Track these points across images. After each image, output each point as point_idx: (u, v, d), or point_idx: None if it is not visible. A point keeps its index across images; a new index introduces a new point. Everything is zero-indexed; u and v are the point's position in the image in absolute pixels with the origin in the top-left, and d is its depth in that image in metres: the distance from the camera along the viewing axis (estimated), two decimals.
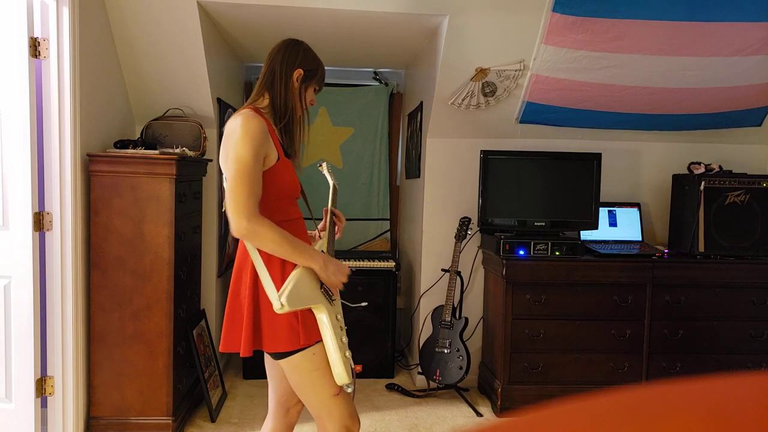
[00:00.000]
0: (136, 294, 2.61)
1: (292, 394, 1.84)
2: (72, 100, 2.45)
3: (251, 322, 1.61)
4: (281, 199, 1.68)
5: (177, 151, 2.74)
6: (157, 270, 2.62)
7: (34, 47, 2.37)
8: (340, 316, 1.74)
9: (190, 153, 2.88)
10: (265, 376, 3.63)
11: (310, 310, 1.64)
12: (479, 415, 3.11)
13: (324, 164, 2.08)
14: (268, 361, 1.84)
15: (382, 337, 3.52)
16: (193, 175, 2.97)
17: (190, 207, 2.93)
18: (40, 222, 2.44)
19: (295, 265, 1.64)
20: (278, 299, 1.53)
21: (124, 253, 2.60)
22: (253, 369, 3.47)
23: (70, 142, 2.46)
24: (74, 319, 2.52)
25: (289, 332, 1.61)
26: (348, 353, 1.69)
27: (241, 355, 1.63)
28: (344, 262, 1.77)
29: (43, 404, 2.54)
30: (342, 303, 1.87)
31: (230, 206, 1.53)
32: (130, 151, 2.66)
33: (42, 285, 2.49)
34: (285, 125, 1.75)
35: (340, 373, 1.63)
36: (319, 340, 1.64)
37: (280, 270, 1.63)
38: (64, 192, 2.47)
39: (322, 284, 1.68)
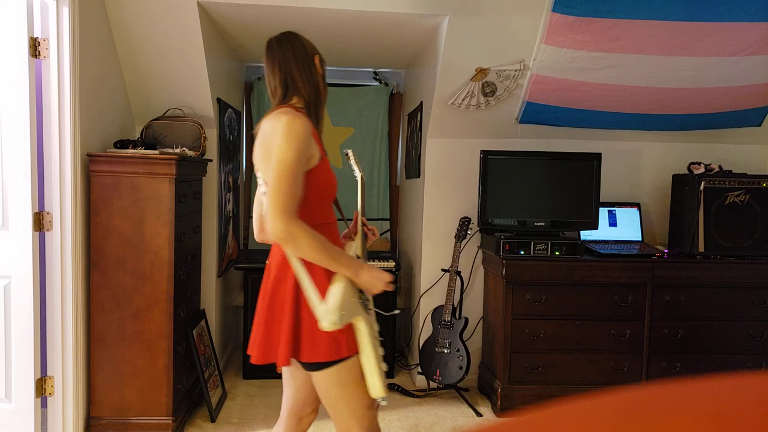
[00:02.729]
0: (136, 294, 2.61)
1: (307, 403, 1.81)
2: (72, 100, 2.45)
3: (291, 332, 1.57)
4: (321, 201, 1.65)
5: (177, 151, 2.74)
6: (157, 270, 2.62)
7: (34, 47, 2.37)
8: (376, 326, 1.70)
9: (190, 153, 2.88)
10: (265, 377, 3.62)
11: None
12: (479, 415, 3.11)
13: (350, 152, 2.00)
14: (288, 369, 1.78)
15: (382, 337, 3.51)
16: (193, 175, 2.97)
17: (190, 207, 2.93)
18: (40, 222, 2.44)
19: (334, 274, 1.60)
20: (327, 318, 1.50)
21: (124, 253, 2.60)
22: (253, 369, 3.47)
23: (70, 142, 2.46)
24: (74, 319, 2.52)
25: (329, 342, 1.56)
26: (384, 365, 1.65)
27: (279, 365, 1.59)
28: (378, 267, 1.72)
29: (43, 404, 2.54)
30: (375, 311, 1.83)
31: (270, 208, 1.49)
32: (130, 151, 2.66)
33: (42, 285, 2.49)
34: (317, 111, 1.73)
35: (377, 386, 1.59)
36: (357, 352, 1.61)
37: (326, 281, 1.58)
38: (64, 192, 2.47)
39: (359, 293, 1.64)
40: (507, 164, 3.16)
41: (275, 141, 1.54)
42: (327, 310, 1.52)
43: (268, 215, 1.50)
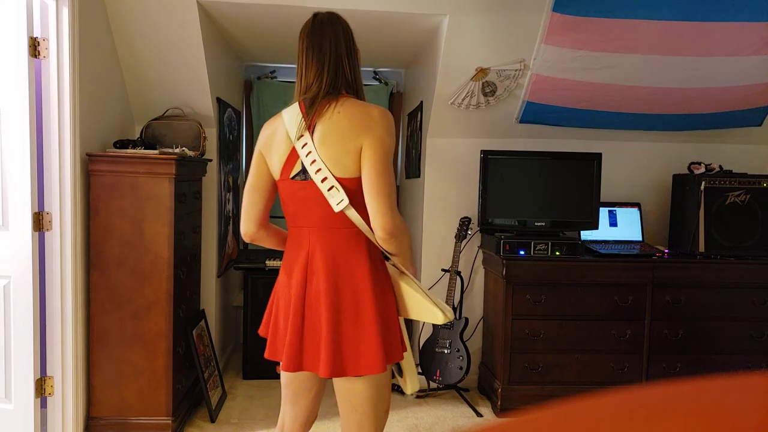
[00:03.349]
0: (136, 294, 2.61)
1: (318, 408, 1.77)
2: (72, 100, 2.45)
3: (382, 338, 1.48)
4: None
5: (177, 150, 2.74)
6: (157, 270, 2.61)
7: (34, 47, 2.37)
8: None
9: (190, 153, 2.88)
10: (264, 377, 3.60)
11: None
12: (479, 415, 3.11)
13: None
14: (300, 383, 1.69)
15: None
16: (192, 175, 2.97)
17: (190, 207, 2.93)
18: (39, 222, 2.44)
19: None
20: (449, 310, 1.53)
21: (124, 253, 2.60)
22: (253, 369, 3.47)
23: (70, 142, 2.46)
24: (74, 319, 2.52)
25: (401, 344, 1.56)
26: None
27: (375, 374, 1.50)
28: None
29: (43, 404, 2.54)
30: None
31: (382, 204, 1.44)
32: (130, 150, 2.66)
33: (42, 285, 2.49)
34: None
35: (416, 381, 1.60)
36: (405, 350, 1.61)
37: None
38: (64, 192, 2.47)
39: None
40: (507, 164, 3.16)
41: (375, 133, 1.46)
42: (442, 305, 1.53)
43: (381, 212, 1.44)
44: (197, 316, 3.13)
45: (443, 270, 3.40)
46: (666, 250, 3.24)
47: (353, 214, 1.49)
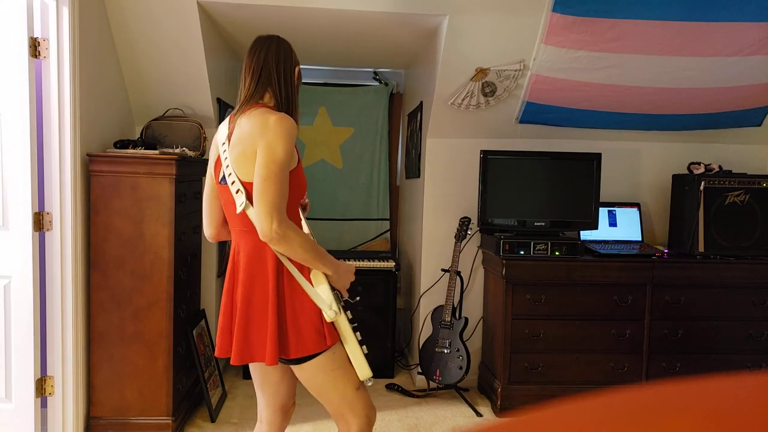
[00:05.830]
0: (136, 294, 2.61)
1: (290, 395, 1.84)
2: (72, 100, 2.45)
3: (276, 331, 1.58)
4: (295, 202, 1.67)
5: (177, 151, 2.74)
6: (157, 270, 2.62)
7: (34, 47, 2.37)
8: (350, 314, 1.75)
9: (190, 153, 2.88)
10: None
11: None
12: (479, 415, 3.11)
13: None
14: (260, 370, 1.79)
15: (382, 337, 3.52)
16: (193, 175, 2.97)
17: (190, 207, 2.93)
18: (40, 222, 2.44)
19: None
20: (330, 309, 1.59)
21: (124, 253, 2.60)
22: None
23: (70, 142, 2.46)
24: (74, 319, 2.52)
25: (316, 335, 1.60)
26: (364, 348, 1.70)
27: (267, 365, 1.61)
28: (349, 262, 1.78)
29: (43, 404, 2.54)
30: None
31: (261, 208, 1.50)
32: (130, 151, 2.66)
33: (42, 285, 2.49)
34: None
35: (364, 368, 1.65)
36: (338, 340, 1.66)
37: (308, 276, 1.64)
38: (64, 192, 2.47)
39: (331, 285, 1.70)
40: (507, 164, 3.16)
41: (266, 139, 1.54)
42: (331, 302, 1.59)
43: (259, 216, 1.51)
44: (197, 315, 3.13)
45: (443, 270, 3.40)
46: (665, 250, 3.24)
47: (252, 216, 1.58)
